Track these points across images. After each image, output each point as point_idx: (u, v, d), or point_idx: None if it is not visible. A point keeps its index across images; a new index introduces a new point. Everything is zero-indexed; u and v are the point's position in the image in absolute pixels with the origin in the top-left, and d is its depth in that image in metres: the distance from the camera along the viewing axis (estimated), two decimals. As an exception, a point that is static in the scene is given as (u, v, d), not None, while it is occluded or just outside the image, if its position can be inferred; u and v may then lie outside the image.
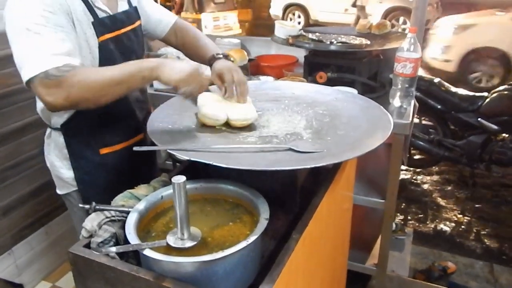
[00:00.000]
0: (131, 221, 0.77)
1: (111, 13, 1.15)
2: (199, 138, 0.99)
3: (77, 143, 1.21)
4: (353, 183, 1.47)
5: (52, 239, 1.99)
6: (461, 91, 3.19)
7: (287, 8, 9.55)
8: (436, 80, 3.24)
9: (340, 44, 1.68)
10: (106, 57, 1.12)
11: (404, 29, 7.64)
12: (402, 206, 3.14)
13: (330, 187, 1.02)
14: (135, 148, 0.91)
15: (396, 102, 1.64)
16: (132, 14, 1.24)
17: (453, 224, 2.95)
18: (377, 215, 1.87)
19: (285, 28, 1.90)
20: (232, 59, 1.26)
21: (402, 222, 2.90)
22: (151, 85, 2.04)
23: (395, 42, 1.79)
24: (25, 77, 0.95)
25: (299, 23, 9.37)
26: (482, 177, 3.45)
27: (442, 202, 3.24)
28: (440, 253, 2.59)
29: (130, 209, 0.85)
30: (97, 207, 0.84)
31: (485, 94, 3.13)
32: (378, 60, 1.85)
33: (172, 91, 1.02)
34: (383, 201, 1.68)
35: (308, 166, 0.80)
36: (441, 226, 2.94)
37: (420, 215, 3.05)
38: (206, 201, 0.92)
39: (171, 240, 0.75)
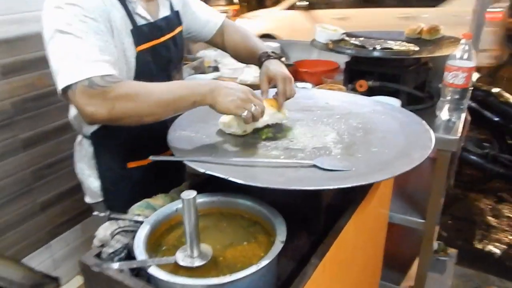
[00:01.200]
0: (141, 234, 0.75)
1: (151, 20, 1.09)
2: (220, 149, 0.95)
3: (105, 153, 1.19)
4: (389, 200, 1.36)
5: (87, 237, 2.05)
6: (523, 102, 2.94)
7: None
8: (495, 90, 3.00)
9: (383, 50, 1.56)
10: (143, 69, 1.08)
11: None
12: (449, 223, 2.93)
13: (360, 207, 0.93)
14: (151, 158, 0.88)
15: (443, 115, 1.50)
16: (173, 20, 1.19)
17: (504, 247, 2.72)
18: (416, 233, 1.73)
19: (326, 32, 1.81)
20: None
21: (446, 242, 2.71)
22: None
23: (447, 48, 1.64)
24: (63, 83, 0.88)
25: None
26: None
27: (493, 222, 3.00)
28: (487, 277, 2.39)
29: (144, 219, 0.82)
30: (112, 215, 0.82)
31: (549, 106, 2.86)
32: (427, 68, 1.71)
33: None
34: (422, 221, 1.55)
35: (328, 188, 0.73)
36: (490, 247, 2.71)
37: (468, 235, 2.84)
38: (222, 216, 0.87)
39: (180, 257, 0.72)
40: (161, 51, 1.13)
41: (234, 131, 1.01)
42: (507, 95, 2.99)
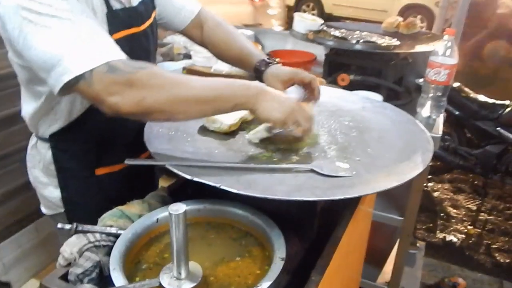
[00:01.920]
0: (117, 252, 0.64)
1: (126, 5, 0.93)
2: (204, 150, 0.84)
3: (67, 159, 1.01)
4: (374, 198, 1.33)
5: (42, 237, 1.86)
6: (482, 98, 3.05)
7: (301, -1, 9.27)
8: (456, 84, 3.09)
9: (366, 43, 1.51)
10: None
11: (422, 28, 7.45)
12: (412, 213, 3.02)
13: (355, 214, 0.88)
14: (127, 162, 0.77)
15: (424, 112, 1.48)
16: (148, 4, 1.03)
17: (463, 236, 2.85)
18: (390, 229, 1.73)
19: (305, 21, 1.73)
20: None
21: (412, 234, 2.78)
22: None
23: (426, 44, 1.63)
24: (68, 73, 0.70)
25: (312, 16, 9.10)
26: (495, 188, 3.36)
27: (452, 212, 3.13)
28: (449, 266, 2.50)
29: (119, 232, 0.71)
30: (80, 228, 0.70)
31: (507, 102, 2.99)
32: (405, 63, 1.68)
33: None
34: (401, 218, 1.54)
35: (337, 198, 0.66)
36: (451, 237, 2.83)
37: (429, 225, 2.94)
38: (209, 226, 0.78)
39: (165, 279, 0.61)
40: (140, 41, 0.98)
41: (219, 127, 0.91)
42: (467, 90, 3.09)
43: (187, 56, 2.05)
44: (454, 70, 1.41)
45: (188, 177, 0.70)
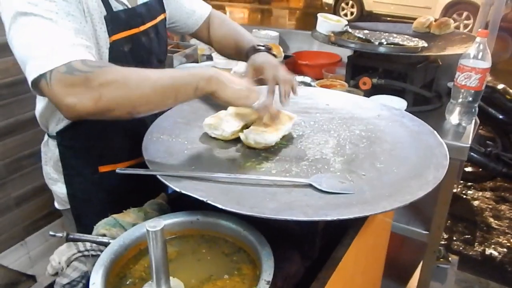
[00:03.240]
0: (101, 264, 0.62)
1: (129, 6, 0.95)
2: (203, 159, 0.82)
3: (72, 156, 1.03)
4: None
5: (69, 231, 1.93)
6: (528, 100, 2.83)
7: (340, -4, 9.04)
8: (500, 86, 2.89)
9: (390, 45, 1.42)
10: (117, 61, 0.90)
11: (467, 26, 7.02)
12: (448, 224, 2.85)
13: (362, 229, 0.82)
14: (118, 170, 0.76)
15: (453, 119, 1.38)
16: (155, 6, 1.04)
17: (505, 250, 2.64)
18: (416, 242, 1.63)
19: (328, 22, 1.66)
20: (274, 53, 1.07)
21: (446, 247, 2.63)
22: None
23: (459, 45, 1.51)
24: (34, 72, 0.73)
25: (352, 13, 8.86)
26: None
27: (494, 223, 2.92)
28: (487, 283, 2.31)
29: (111, 241, 0.70)
30: (70, 236, 0.70)
31: (555, 105, 2.76)
32: (435, 66, 1.57)
33: None
34: (426, 233, 1.44)
35: (325, 219, 0.61)
36: (491, 251, 2.64)
37: (467, 236, 2.76)
38: (202, 240, 0.75)
39: (145, 297, 0.60)
40: (141, 41, 0.99)
41: (221, 134, 0.88)
42: (512, 92, 2.88)
43: (210, 57, 2.04)
44: (487, 74, 1.30)
45: (177, 189, 0.68)
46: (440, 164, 0.77)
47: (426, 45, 1.47)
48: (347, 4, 8.99)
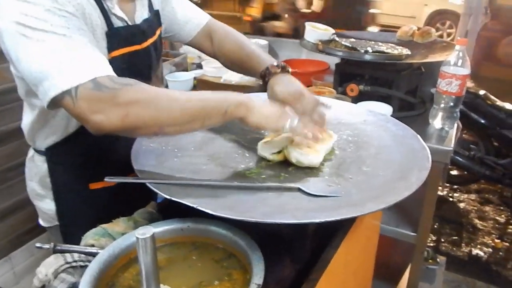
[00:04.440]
0: (89, 275, 0.62)
1: (129, 23, 0.93)
2: (192, 166, 0.82)
3: (62, 172, 1.01)
4: (381, 212, 1.27)
5: (40, 256, 1.89)
6: (509, 106, 2.94)
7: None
8: (482, 92, 2.98)
9: (375, 53, 1.46)
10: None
11: (450, 34, 7.20)
12: (436, 226, 2.90)
13: (350, 231, 0.83)
14: (106, 179, 0.76)
15: (437, 123, 1.41)
16: (153, 22, 1.02)
17: (490, 250, 2.70)
18: (405, 243, 1.65)
19: (316, 31, 1.69)
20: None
21: (434, 248, 2.66)
22: (166, 87, 1.91)
23: (440, 53, 1.56)
24: (55, 89, 0.70)
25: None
26: None
27: (479, 224, 2.98)
28: (474, 282, 2.37)
29: (99, 251, 0.70)
30: (58, 247, 0.69)
31: (537, 110, 2.85)
32: (419, 73, 1.61)
33: None
34: (414, 234, 1.47)
35: (313, 221, 0.62)
36: (477, 251, 2.69)
37: (454, 237, 2.81)
38: (193, 247, 0.75)
39: (136, 304, 0.59)
40: (141, 58, 0.97)
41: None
42: (493, 98, 2.98)
43: (200, 66, 2.05)
44: (466, 80, 1.34)
45: (167, 196, 0.68)
46: (423, 166, 0.79)
47: (409, 53, 1.52)
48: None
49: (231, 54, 1.12)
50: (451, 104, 1.38)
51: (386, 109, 1.36)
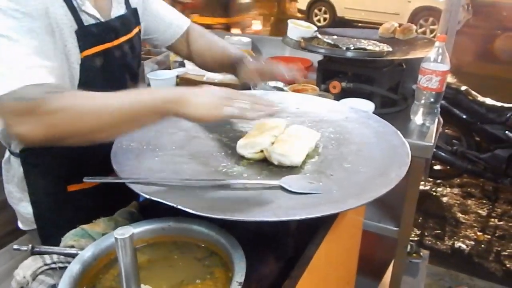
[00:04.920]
0: (69, 276, 0.61)
1: (102, 19, 0.91)
2: (173, 165, 0.81)
3: (38, 174, 0.98)
4: (364, 207, 1.28)
5: (18, 258, 1.82)
6: (489, 101, 3.01)
7: (313, 3, 9.20)
8: (463, 88, 3.05)
9: (357, 50, 1.47)
10: (89, 77, 0.88)
11: (432, 31, 7.30)
12: (419, 220, 2.95)
13: (332, 227, 0.84)
14: (85, 179, 0.74)
15: (418, 119, 1.44)
16: (129, 19, 1.00)
17: (472, 243, 2.77)
18: (389, 237, 1.68)
19: (299, 28, 1.70)
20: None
21: (418, 242, 2.71)
22: (148, 85, 1.89)
23: (421, 49, 1.58)
24: None
25: (325, 19, 9.05)
26: (506, 192, 3.29)
27: (461, 217, 3.05)
28: (457, 275, 2.42)
29: (79, 252, 0.69)
30: (36, 249, 0.68)
31: (515, 105, 2.92)
32: (400, 69, 1.63)
33: None
34: (396, 229, 1.49)
35: (295, 218, 0.62)
36: (459, 244, 2.75)
37: (437, 231, 2.88)
38: (175, 246, 0.75)
39: (116, 305, 0.59)
40: (114, 56, 0.95)
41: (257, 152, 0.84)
42: (474, 93, 3.04)
43: (183, 64, 2.04)
44: (446, 76, 1.36)
45: (146, 196, 0.67)
46: (403, 162, 0.81)
47: (390, 49, 1.53)
48: (320, 10, 9.16)
49: (205, 53, 1.15)
50: (432, 100, 1.40)
51: (368, 106, 1.38)
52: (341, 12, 8.85)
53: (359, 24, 8.36)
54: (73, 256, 0.69)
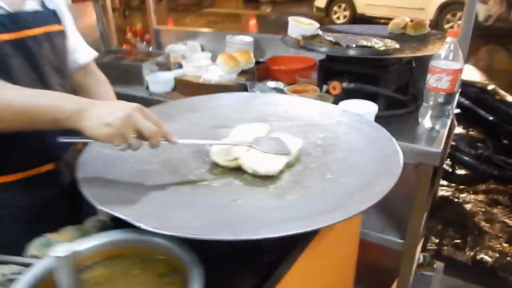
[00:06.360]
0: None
1: (10, 11, 0.91)
2: (140, 173, 0.77)
3: None
4: (360, 217, 1.20)
5: None
6: (520, 101, 2.79)
7: (332, 0, 9.01)
8: (490, 87, 2.85)
9: (360, 48, 1.38)
10: (3, 65, 0.88)
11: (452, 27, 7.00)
12: (438, 228, 2.79)
13: (314, 241, 0.77)
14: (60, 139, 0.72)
15: (426, 122, 1.33)
16: (47, 17, 1.00)
17: (497, 255, 2.58)
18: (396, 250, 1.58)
19: (300, 26, 1.62)
20: None
21: (436, 252, 2.57)
22: (147, 88, 1.86)
23: (433, 46, 1.47)
24: None
25: (344, 17, 8.85)
26: None
27: (485, 226, 2.86)
28: (476, 289, 2.26)
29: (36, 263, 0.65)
30: (-8, 261, 0.65)
31: (547, 105, 2.72)
32: (410, 68, 1.53)
33: None
34: (401, 241, 1.39)
35: (253, 238, 0.56)
36: (482, 255, 2.58)
37: (457, 240, 2.70)
38: (138, 260, 0.70)
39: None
40: (28, 48, 0.94)
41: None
42: (503, 92, 2.84)
43: (181, 66, 2.00)
44: (459, 76, 1.25)
45: (98, 206, 0.63)
46: (392, 173, 0.72)
47: (398, 46, 1.43)
48: (339, 7, 8.96)
49: (88, 91, 1.14)
50: (442, 101, 1.29)
51: (370, 107, 1.29)
52: (361, 9, 8.59)
53: (382, 21, 8.13)
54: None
